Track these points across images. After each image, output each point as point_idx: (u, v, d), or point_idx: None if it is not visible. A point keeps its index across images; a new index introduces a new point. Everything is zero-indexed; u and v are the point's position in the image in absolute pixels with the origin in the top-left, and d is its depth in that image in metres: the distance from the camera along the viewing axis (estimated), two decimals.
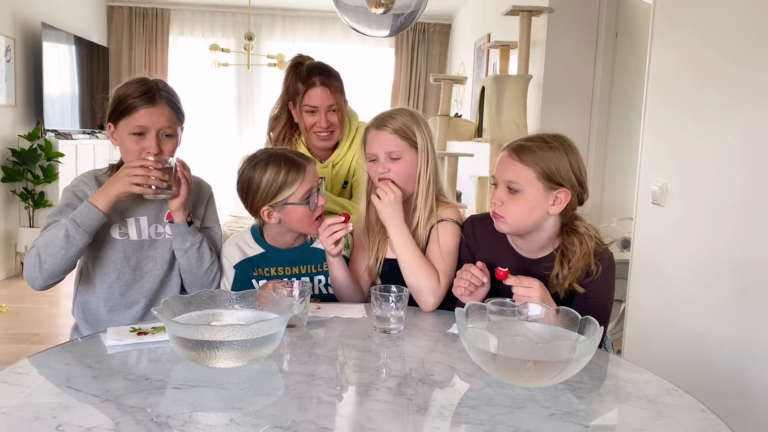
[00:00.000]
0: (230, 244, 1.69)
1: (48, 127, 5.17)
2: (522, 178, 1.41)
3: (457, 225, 1.62)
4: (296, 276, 1.66)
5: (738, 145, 1.91)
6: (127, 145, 1.53)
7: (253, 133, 7.07)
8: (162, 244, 1.64)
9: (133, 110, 1.50)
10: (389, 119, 1.58)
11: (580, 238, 1.46)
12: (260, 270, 1.64)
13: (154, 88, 1.53)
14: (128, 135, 1.52)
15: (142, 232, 1.61)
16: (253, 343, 1.06)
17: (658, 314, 2.31)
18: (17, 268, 5.05)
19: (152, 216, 1.63)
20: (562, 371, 1.04)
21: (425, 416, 0.97)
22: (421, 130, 1.58)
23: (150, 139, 1.52)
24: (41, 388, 1.04)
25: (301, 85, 1.94)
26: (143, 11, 6.85)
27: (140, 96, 1.50)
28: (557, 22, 3.70)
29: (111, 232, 1.58)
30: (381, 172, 1.58)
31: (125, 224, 1.60)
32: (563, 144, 1.44)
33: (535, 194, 1.41)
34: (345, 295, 1.63)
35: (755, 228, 1.82)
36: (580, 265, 1.44)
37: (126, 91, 1.52)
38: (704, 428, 0.97)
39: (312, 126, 1.96)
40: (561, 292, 1.47)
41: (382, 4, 2.41)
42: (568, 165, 1.42)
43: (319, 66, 1.98)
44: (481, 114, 3.86)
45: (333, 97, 1.94)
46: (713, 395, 1.75)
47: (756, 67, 1.84)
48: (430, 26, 7.14)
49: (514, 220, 1.44)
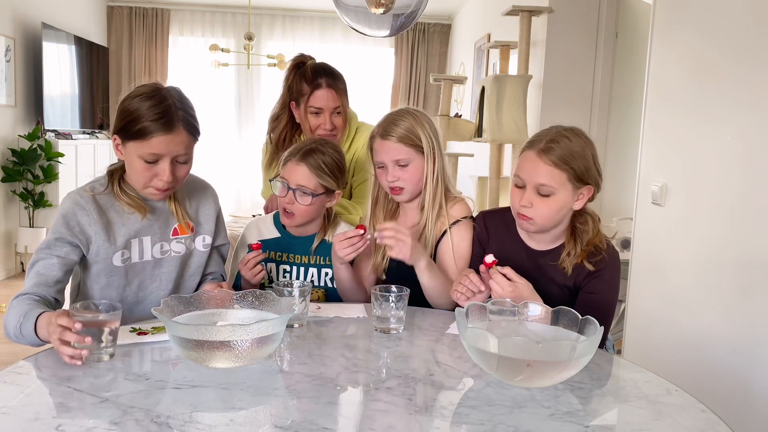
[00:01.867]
0: (251, 225, 1.75)
1: (48, 127, 5.17)
2: (555, 181, 1.40)
3: (469, 221, 1.63)
4: (304, 265, 1.69)
5: (738, 145, 1.91)
6: (136, 168, 1.38)
7: (253, 133, 7.06)
8: (168, 263, 1.51)
9: (147, 136, 1.34)
10: (393, 127, 1.57)
11: (587, 217, 1.49)
12: (272, 253, 1.69)
13: (172, 109, 1.36)
14: (138, 158, 1.36)
15: (144, 253, 1.48)
16: (253, 343, 1.06)
17: (658, 314, 2.31)
18: (17, 268, 5.05)
19: (156, 235, 1.49)
20: (562, 371, 1.04)
21: (425, 416, 0.97)
22: (425, 132, 1.57)
23: (164, 167, 1.37)
24: (41, 388, 1.04)
25: (307, 86, 1.93)
26: (143, 11, 6.85)
27: (156, 120, 1.33)
28: (557, 22, 3.70)
29: (113, 260, 1.43)
30: (391, 181, 1.58)
31: (129, 247, 1.46)
32: (584, 139, 1.44)
33: (566, 195, 1.42)
34: (348, 296, 1.64)
35: (755, 228, 1.82)
36: (595, 241, 1.47)
37: (139, 108, 1.34)
38: (704, 428, 0.97)
39: (316, 128, 1.95)
40: (569, 269, 1.48)
41: (382, 4, 2.41)
42: (592, 162, 1.43)
43: (324, 67, 1.97)
44: (481, 114, 3.86)
45: (338, 99, 1.93)
46: (713, 395, 1.75)
47: (756, 67, 1.84)
48: (430, 26, 7.14)
49: (543, 220, 1.44)
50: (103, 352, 1.13)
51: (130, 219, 1.45)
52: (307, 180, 1.60)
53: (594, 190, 1.45)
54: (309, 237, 1.71)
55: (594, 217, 1.50)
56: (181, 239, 1.53)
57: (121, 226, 1.44)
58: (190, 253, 1.55)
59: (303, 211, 1.62)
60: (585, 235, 1.48)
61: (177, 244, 1.52)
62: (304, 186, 1.59)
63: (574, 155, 1.40)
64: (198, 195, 1.59)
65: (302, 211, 1.62)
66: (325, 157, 1.62)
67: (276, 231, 1.72)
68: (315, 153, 1.61)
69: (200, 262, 1.57)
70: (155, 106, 1.34)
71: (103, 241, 1.41)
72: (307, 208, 1.61)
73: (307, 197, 1.60)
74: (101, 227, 1.41)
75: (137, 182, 1.42)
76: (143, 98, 1.35)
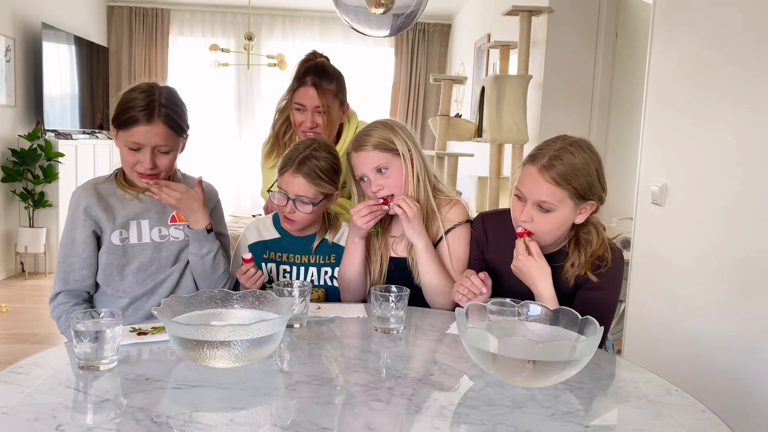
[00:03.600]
0: (251, 226, 1.77)
1: (48, 127, 5.17)
2: (556, 199, 1.38)
3: (466, 225, 1.62)
4: (304, 264, 1.70)
5: (738, 145, 1.91)
6: (123, 155, 1.55)
7: (253, 133, 7.07)
8: (167, 248, 1.62)
9: (131, 125, 1.49)
10: (365, 138, 1.59)
11: (591, 227, 1.47)
12: (272, 253, 1.71)
13: (155, 103, 1.50)
14: (124, 146, 1.53)
15: (143, 235, 1.60)
16: (253, 343, 1.06)
17: (658, 314, 2.31)
18: (17, 268, 5.05)
19: (155, 219, 1.61)
20: (562, 371, 1.04)
21: (425, 416, 0.97)
22: (398, 136, 1.58)
23: (145, 155, 1.51)
24: (41, 388, 1.04)
25: (295, 82, 1.97)
26: (143, 11, 6.85)
27: (140, 111, 1.49)
28: (557, 22, 3.70)
29: (111, 237, 1.57)
30: (375, 191, 1.58)
31: (127, 227, 1.59)
32: (590, 154, 1.40)
33: (567, 211, 1.41)
34: (352, 283, 1.63)
35: (755, 228, 1.82)
36: (599, 252, 1.45)
37: (130, 97, 1.51)
38: (704, 428, 0.97)
39: (299, 124, 1.97)
40: (571, 279, 1.47)
41: (382, 4, 2.41)
42: (596, 178, 1.40)
43: (317, 66, 1.98)
44: (481, 114, 3.86)
45: (321, 98, 1.92)
46: (713, 395, 1.75)
47: (756, 68, 1.84)
48: (430, 26, 7.14)
49: (544, 235, 1.43)
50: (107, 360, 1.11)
51: (129, 204, 1.60)
52: (306, 190, 1.60)
53: (597, 204, 1.43)
54: (309, 237, 1.72)
55: (598, 227, 1.48)
56: (179, 226, 1.63)
57: (120, 209, 1.59)
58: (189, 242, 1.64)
59: (304, 218, 1.63)
60: (589, 246, 1.46)
61: (175, 230, 1.63)
62: (303, 196, 1.60)
63: (577, 173, 1.37)
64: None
65: (303, 218, 1.63)
66: (320, 162, 1.61)
67: (276, 232, 1.73)
68: (309, 160, 1.60)
69: None
70: (141, 99, 1.50)
71: (104, 219, 1.57)
72: (306, 216, 1.62)
73: (308, 206, 1.61)
74: (101, 209, 1.57)
75: (126, 167, 1.57)
76: (136, 91, 1.52)
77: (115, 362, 1.12)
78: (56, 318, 1.59)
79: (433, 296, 1.59)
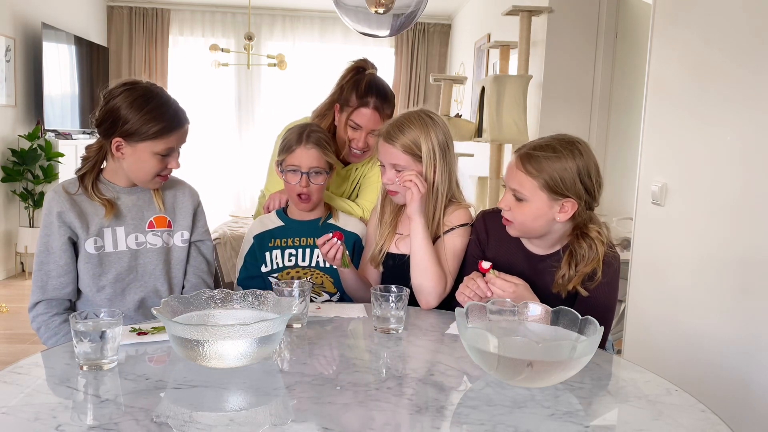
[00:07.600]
0: (255, 222, 1.84)
1: (48, 127, 5.17)
2: (526, 188, 1.41)
3: (464, 227, 1.62)
4: (309, 247, 1.75)
5: (738, 145, 1.91)
6: (148, 163, 1.50)
7: (253, 133, 7.05)
8: (144, 255, 1.56)
9: (166, 134, 1.48)
10: (398, 133, 1.57)
11: (590, 242, 1.45)
12: (277, 240, 1.76)
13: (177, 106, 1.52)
14: (153, 154, 1.49)
15: (119, 243, 1.54)
16: (253, 343, 1.06)
17: (658, 314, 2.31)
18: (17, 268, 5.05)
19: (131, 225, 1.55)
20: (562, 371, 1.04)
21: (425, 416, 0.97)
22: (428, 140, 1.55)
23: (175, 157, 1.54)
24: (41, 388, 1.04)
25: (355, 99, 1.87)
26: (143, 11, 6.85)
27: (173, 119, 1.49)
28: (557, 22, 3.70)
29: (86, 246, 1.50)
30: (386, 183, 1.60)
31: (101, 235, 1.52)
32: (573, 152, 1.40)
33: (539, 204, 1.41)
34: (356, 295, 1.67)
35: (755, 228, 1.82)
36: (587, 270, 1.44)
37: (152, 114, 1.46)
38: (704, 428, 0.97)
39: (351, 140, 1.90)
40: (563, 292, 1.47)
41: (382, 4, 2.41)
42: (575, 174, 1.39)
43: (379, 86, 1.90)
44: (481, 114, 3.86)
45: (380, 123, 1.85)
46: (713, 395, 1.75)
47: (756, 68, 1.84)
48: (430, 26, 7.14)
49: (520, 225, 1.46)
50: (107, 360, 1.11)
51: (103, 210, 1.52)
52: (318, 160, 1.70)
53: (579, 204, 1.41)
54: (313, 220, 1.78)
55: (597, 242, 1.44)
56: (158, 232, 1.58)
57: (94, 215, 1.52)
58: (168, 249, 1.60)
59: (318, 190, 1.72)
60: (582, 261, 1.44)
61: (153, 236, 1.58)
62: (317, 166, 1.69)
63: (552, 165, 1.38)
64: (174, 188, 1.65)
65: (318, 189, 1.72)
66: (322, 134, 1.73)
67: (279, 221, 1.80)
68: (314, 133, 1.71)
69: (180, 258, 1.62)
70: (164, 108, 1.49)
71: (79, 227, 1.50)
72: (321, 186, 1.71)
73: (321, 176, 1.71)
74: (75, 215, 1.50)
75: (146, 175, 1.51)
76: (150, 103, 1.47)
77: (115, 362, 1.12)
78: (36, 329, 1.51)
79: (416, 272, 1.56)
